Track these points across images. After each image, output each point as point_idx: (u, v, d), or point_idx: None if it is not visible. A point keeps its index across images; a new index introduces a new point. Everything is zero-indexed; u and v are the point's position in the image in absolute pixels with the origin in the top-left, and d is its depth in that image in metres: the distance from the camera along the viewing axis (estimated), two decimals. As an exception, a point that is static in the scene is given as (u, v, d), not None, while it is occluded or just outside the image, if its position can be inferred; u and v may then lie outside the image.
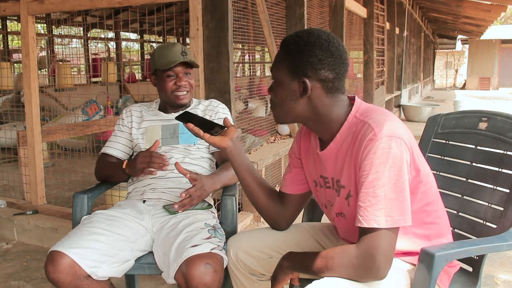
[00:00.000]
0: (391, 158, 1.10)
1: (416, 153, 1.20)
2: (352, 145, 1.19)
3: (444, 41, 24.43)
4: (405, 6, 10.02)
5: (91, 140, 4.79)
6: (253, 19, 3.60)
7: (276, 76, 1.24)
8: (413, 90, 13.53)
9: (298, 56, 1.19)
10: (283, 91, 1.23)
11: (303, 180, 1.44)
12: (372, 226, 1.10)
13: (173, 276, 1.43)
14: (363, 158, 1.13)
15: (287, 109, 1.24)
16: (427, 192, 1.25)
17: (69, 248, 1.45)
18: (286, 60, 1.22)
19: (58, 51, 7.80)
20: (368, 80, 7.05)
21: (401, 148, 1.12)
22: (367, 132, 1.14)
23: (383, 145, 1.11)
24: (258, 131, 3.68)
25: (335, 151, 1.25)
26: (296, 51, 1.20)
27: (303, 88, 1.20)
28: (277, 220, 1.47)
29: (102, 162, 1.90)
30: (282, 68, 1.22)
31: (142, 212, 1.72)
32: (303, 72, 1.19)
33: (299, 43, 1.20)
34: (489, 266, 2.59)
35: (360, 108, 1.24)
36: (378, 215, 1.10)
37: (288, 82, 1.22)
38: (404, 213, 1.11)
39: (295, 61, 1.20)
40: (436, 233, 1.30)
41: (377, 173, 1.10)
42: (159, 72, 1.85)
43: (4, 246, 2.97)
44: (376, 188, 1.10)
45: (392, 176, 1.10)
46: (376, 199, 1.10)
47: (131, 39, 13.74)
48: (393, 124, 1.15)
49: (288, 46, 1.22)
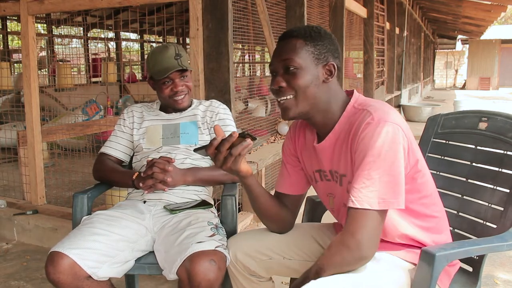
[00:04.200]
0: (388, 141, 1.12)
1: (414, 143, 1.21)
2: (349, 132, 1.21)
3: (444, 41, 24.43)
4: (405, 6, 10.01)
5: (91, 140, 4.79)
6: (253, 19, 3.60)
7: (297, 63, 1.22)
8: (413, 90, 13.53)
9: (321, 43, 1.24)
10: (308, 76, 1.23)
11: (300, 181, 1.44)
12: (364, 207, 1.11)
13: (176, 271, 1.42)
14: (360, 141, 1.15)
15: (311, 95, 1.24)
16: (425, 184, 1.26)
17: (70, 248, 1.44)
18: (308, 46, 1.23)
19: (58, 51, 7.80)
20: (368, 80, 7.05)
21: (398, 133, 1.13)
22: (365, 117, 1.17)
23: (380, 129, 1.12)
24: (258, 131, 3.68)
25: (333, 141, 1.27)
26: (318, 38, 1.24)
27: (329, 72, 1.25)
28: (285, 225, 1.47)
29: (104, 163, 1.88)
30: (305, 54, 1.23)
31: (142, 212, 1.71)
32: (326, 58, 1.24)
33: (319, 32, 1.25)
34: (489, 266, 2.59)
35: (358, 99, 1.27)
36: (371, 197, 1.11)
37: (313, 67, 1.23)
38: (397, 195, 1.12)
39: (319, 47, 1.23)
40: (436, 227, 1.30)
41: (373, 156, 1.11)
42: (156, 79, 1.85)
43: (4, 246, 2.97)
44: (371, 170, 1.12)
45: (388, 159, 1.11)
46: (370, 181, 1.11)
47: (131, 39, 13.73)
48: (391, 112, 1.18)
49: (309, 34, 1.24)
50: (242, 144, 1.18)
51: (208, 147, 1.20)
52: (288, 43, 1.25)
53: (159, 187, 1.68)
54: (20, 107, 3.75)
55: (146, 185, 1.69)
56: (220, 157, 1.19)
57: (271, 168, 3.49)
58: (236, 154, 1.18)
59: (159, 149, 1.84)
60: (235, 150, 1.18)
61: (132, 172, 1.77)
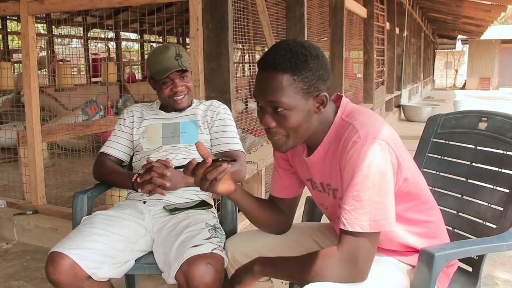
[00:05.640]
0: (376, 161, 1.08)
1: (403, 154, 1.17)
2: (337, 147, 1.17)
3: (444, 41, 24.43)
4: (405, 6, 10.01)
5: (91, 140, 4.79)
6: (253, 19, 3.60)
7: (287, 104, 1.12)
8: (413, 90, 13.53)
9: (310, 73, 1.11)
10: (299, 115, 1.14)
11: (292, 184, 1.43)
12: (356, 230, 1.09)
13: (174, 276, 1.43)
14: (347, 161, 1.11)
15: (303, 131, 1.17)
16: (419, 192, 1.24)
17: (70, 249, 1.44)
18: (296, 81, 1.11)
19: (58, 51, 7.81)
20: (368, 80, 7.05)
21: (385, 150, 1.10)
22: (351, 134, 1.13)
23: (366, 147, 1.09)
24: (258, 131, 3.67)
25: (322, 155, 1.24)
26: (306, 68, 1.11)
27: (320, 102, 1.16)
28: (280, 228, 1.46)
29: (104, 164, 1.87)
30: (292, 92, 1.11)
31: (142, 212, 1.72)
32: (317, 87, 1.14)
33: (306, 58, 1.11)
34: (489, 266, 2.59)
35: (346, 108, 1.22)
36: (362, 220, 1.09)
37: (303, 104, 1.13)
38: (388, 216, 1.10)
39: (307, 79, 1.12)
40: (432, 231, 1.30)
41: (361, 176, 1.08)
42: (156, 79, 1.85)
43: (4, 246, 2.97)
44: (360, 191, 1.09)
45: (377, 179, 1.08)
46: (360, 203, 1.09)
47: (131, 39, 13.74)
48: (377, 126, 1.13)
49: (295, 65, 1.10)
50: (217, 169, 1.18)
51: (185, 168, 1.21)
52: (273, 79, 1.11)
53: (158, 191, 1.68)
54: (20, 107, 3.75)
55: (144, 190, 1.68)
56: (196, 180, 1.21)
57: (271, 168, 3.49)
58: (211, 179, 1.19)
59: (159, 148, 1.84)
60: (210, 175, 1.19)
61: (132, 174, 1.77)
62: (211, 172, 1.19)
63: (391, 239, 1.25)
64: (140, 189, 1.68)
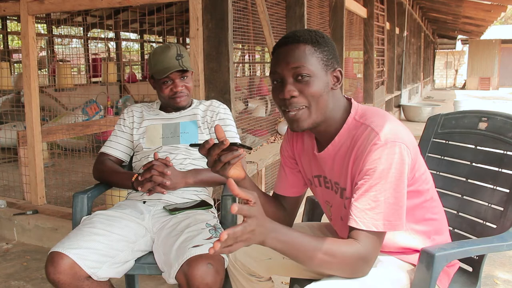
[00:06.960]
0: (395, 164, 1.11)
1: (417, 153, 1.21)
2: (352, 149, 1.18)
3: (444, 41, 24.42)
4: (405, 6, 10.02)
5: (91, 140, 4.80)
6: (253, 19, 3.60)
7: (310, 70, 1.16)
8: (413, 90, 13.53)
9: (327, 49, 1.19)
10: (320, 83, 1.17)
11: (297, 183, 1.44)
12: (370, 229, 1.11)
13: (174, 276, 1.43)
14: (366, 162, 1.13)
15: (323, 104, 1.19)
16: (427, 189, 1.26)
17: (70, 249, 1.45)
18: (317, 52, 1.17)
19: (58, 51, 7.81)
20: (368, 80, 7.05)
21: (404, 153, 1.12)
22: (370, 136, 1.14)
23: (388, 151, 1.11)
24: (258, 131, 3.68)
25: (332, 153, 1.25)
26: (324, 44, 1.18)
27: (336, 79, 1.21)
28: None
29: (104, 164, 1.88)
30: (315, 61, 1.17)
31: (142, 212, 1.72)
32: (333, 64, 1.20)
33: (323, 37, 1.19)
34: (489, 266, 2.59)
35: (358, 110, 1.24)
36: (377, 219, 1.11)
37: (323, 75, 1.18)
38: (401, 217, 1.13)
39: (326, 53, 1.18)
40: (435, 229, 1.30)
41: (380, 178, 1.10)
42: (156, 78, 1.85)
43: (4, 246, 2.97)
44: (378, 192, 1.11)
45: (394, 181, 1.11)
46: (376, 203, 1.11)
47: (131, 39, 13.74)
48: (395, 128, 1.15)
49: (315, 39, 1.17)
50: (232, 153, 1.18)
51: (201, 147, 1.20)
52: (295, 48, 1.17)
53: (158, 190, 1.68)
54: (20, 107, 3.74)
55: (145, 188, 1.69)
56: (210, 160, 1.19)
57: (271, 168, 3.49)
58: (224, 161, 1.18)
59: (159, 148, 1.84)
60: (224, 157, 1.18)
61: (132, 174, 1.77)
62: (226, 154, 1.18)
63: (393, 241, 1.26)
64: (140, 187, 1.69)
